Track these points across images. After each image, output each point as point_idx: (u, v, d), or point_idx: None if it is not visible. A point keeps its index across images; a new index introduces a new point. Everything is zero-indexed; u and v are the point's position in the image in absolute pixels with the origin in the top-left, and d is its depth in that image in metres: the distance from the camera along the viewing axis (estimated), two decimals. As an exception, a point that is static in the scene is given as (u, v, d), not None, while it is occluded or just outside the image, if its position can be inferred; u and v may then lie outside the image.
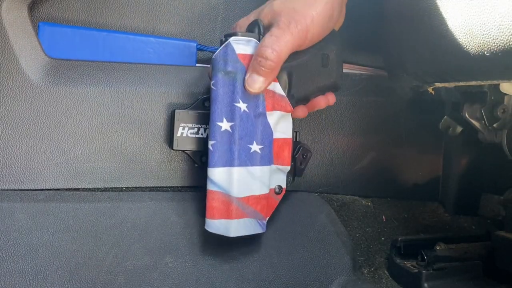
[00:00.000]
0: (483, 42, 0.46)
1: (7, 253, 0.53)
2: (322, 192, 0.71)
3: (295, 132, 0.60)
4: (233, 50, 0.52)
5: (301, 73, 0.55)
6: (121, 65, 0.62)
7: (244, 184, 0.53)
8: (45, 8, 0.60)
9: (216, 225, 0.54)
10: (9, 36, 0.55)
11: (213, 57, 0.53)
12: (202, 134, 0.60)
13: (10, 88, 0.56)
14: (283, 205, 0.65)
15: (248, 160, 0.54)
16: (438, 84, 0.62)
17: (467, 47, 0.48)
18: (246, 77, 0.51)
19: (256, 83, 0.51)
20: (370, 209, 0.74)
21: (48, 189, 0.58)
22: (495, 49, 0.45)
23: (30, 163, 0.57)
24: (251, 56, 0.52)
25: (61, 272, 0.54)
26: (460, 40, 0.49)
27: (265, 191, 0.56)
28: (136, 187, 0.61)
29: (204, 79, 0.63)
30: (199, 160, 0.60)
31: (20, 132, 0.56)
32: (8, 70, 0.55)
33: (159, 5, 0.65)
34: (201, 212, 0.60)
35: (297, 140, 0.62)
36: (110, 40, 0.62)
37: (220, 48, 0.53)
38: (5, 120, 0.56)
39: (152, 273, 0.57)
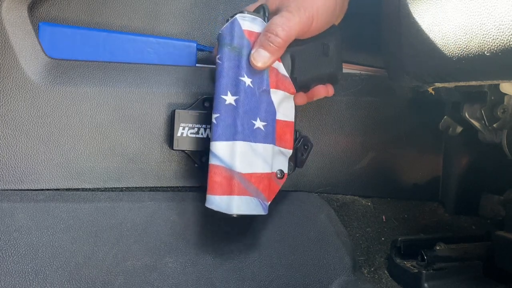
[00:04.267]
0: (482, 42, 0.46)
1: (7, 253, 0.53)
2: (322, 192, 0.71)
3: (295, 131, 0.60)
4: (240, 25, 0.53)
5: (303, 58, 0.57)
6: (121, 65, 0.62)
7: (247, 159, 0.53)
8: (45, 8, 0.60)
9: (218, 202, 0.52)
10: (9, 36, 0.55)
11: (219, 31, 0.54)
12: (202, 134, 0.60)
13: (10, 88, 0.56)
14: (283, 205, 0.65)
15: (251, 135, 0.53)
16: (438, 84, 0.62)
17: (467, 47, 0.48)
18: (253, 52, 0.52)
19: (262, 58, 0.52)
20: (370, 209, 0.74)
21: (48, 189, 0.58)
22: (495, 49, 0.45)
23: (30, 163, 0.57)
24: (256, 33, 0.53)
25: (61, 272, 0.54)
26: (460, 40, 0.49)
27: (267, 170, 0.55)
28: (136, 187, 0.61)
29: (204, 79, 0.63)
30: (199, 160, 0.60)
31: (20, 132, 0.56)
32: (8, 70, 0.55)
33: (159, 5, 0.65)
34: (201, 212, 0.60)
35: (297, 137, 0.62)
36: (110, 40, 0.62)
37: (226, 24, 0.53)
38: (5, 120, 0.56)
39: (152, 273, 0.57)
